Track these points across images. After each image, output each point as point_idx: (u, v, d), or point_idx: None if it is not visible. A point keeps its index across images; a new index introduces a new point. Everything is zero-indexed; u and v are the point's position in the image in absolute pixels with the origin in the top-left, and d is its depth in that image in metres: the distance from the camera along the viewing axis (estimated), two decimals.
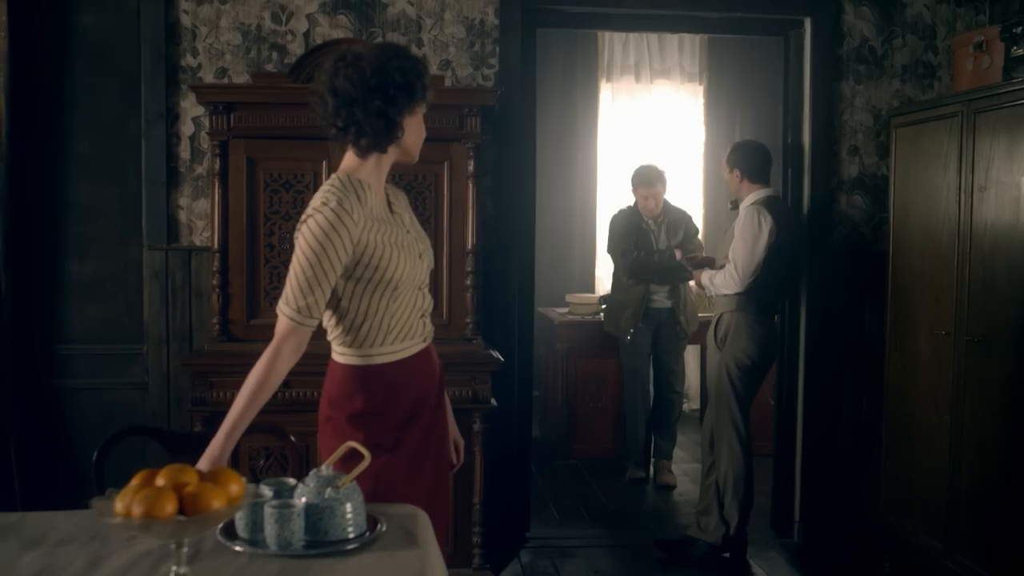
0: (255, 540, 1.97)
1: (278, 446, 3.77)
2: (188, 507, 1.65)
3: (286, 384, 3.75)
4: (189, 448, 2.59)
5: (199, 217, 4.29)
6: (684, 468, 5.99)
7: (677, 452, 6.05)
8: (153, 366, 4.30)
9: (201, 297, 4.28)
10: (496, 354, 3.88)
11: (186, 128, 4.27)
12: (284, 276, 3.95)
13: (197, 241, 4.29)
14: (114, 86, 4.29)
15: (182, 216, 4.29)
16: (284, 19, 4.29)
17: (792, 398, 4.74)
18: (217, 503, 1.67)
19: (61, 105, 4.25)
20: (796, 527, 4.72)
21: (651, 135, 7.43)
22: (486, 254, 4.14)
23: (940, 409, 3.74)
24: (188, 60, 4.26)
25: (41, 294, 4.28)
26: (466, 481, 3.83)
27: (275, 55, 4.28)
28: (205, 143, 4.25)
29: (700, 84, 7.53)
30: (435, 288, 3.58)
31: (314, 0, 4.29)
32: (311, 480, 2.04)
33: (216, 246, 3.86)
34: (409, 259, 2.42)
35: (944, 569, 3.71)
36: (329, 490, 1.99)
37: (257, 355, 3.79)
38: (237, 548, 1.95)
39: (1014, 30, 3.39)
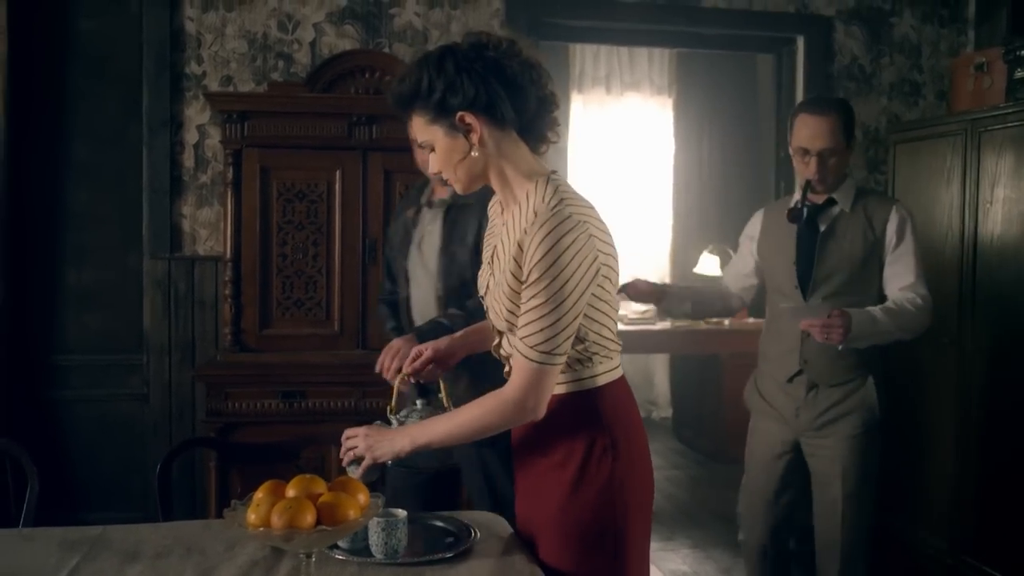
0: (355, 548, 1.97)
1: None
2: (325, 517, 1.66)
3: (302, 394, 3.80)
4: (250, 459, 2.58)
5: (203, 226, 4.24)
6: (667, 475, 6.04)
7: (655, 460, 5.95)
8: (154, 377, 4.24)
9: (204, 307, 4.24)
10: None
11: (190, 136, 4.23)
12: (296, 286, 3.98)
13: (201, 250, 4.25)
14: (114, 92, 4.23)
15: (185, 225, 4.24)
16: (291, 28, 4.28)
17: None
18: (352, 512, 1.68)
19: (60, 111, 4.18)
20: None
21: (621, 146, 7.53)
22: None
23: (944, 416, 3.87)
24: (193, 68, 4.22)
25: (39, 303, 4.19)
26: None
27: (281, 64, 4.26)
28: (210, 152, 4.21)
29: (669, 97, 7.64)
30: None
31: (321, 9, 4.29)
32: None
33: (229, 255, 3.83)
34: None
35: (948, 569, 3.84)
36: None
37: (270, 364, 3.81)
38: (339, 556, 1.95)
39: (1019, 52, 3.54)
